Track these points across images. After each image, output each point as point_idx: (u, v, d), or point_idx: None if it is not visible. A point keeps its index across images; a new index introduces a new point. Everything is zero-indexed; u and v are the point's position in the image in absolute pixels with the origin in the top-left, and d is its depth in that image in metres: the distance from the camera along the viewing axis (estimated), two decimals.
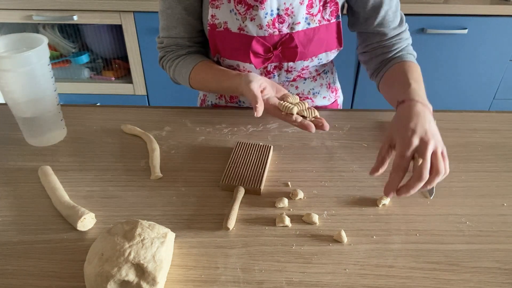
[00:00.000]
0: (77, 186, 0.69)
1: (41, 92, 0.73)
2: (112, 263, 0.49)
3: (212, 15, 0.84)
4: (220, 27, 0.84)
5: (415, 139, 0.60)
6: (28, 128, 0.77)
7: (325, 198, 0.67)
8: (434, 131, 0.62)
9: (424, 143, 0.59)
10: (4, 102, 0.77)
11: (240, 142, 0.77)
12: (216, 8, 0.83)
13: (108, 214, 0.64)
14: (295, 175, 0.72)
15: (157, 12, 0.91)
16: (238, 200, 0.65)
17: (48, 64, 0.73)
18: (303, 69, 0.91)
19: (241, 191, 0.67)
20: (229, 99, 0.99)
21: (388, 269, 0.56)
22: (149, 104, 1.92)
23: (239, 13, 0.81)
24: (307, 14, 0.82)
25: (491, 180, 0.71)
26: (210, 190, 0.69)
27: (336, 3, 0.83)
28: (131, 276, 0.50)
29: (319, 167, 0.74)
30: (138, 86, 1.87)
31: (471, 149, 0.79)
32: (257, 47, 0.84)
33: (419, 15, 1.66)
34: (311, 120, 0.73)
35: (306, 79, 0.96)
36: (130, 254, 0.50)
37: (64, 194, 0.66)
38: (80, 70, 1.88)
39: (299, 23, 0.82)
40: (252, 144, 0.77)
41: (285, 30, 0.83)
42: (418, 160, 0.58)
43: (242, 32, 0.83)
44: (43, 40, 0.71)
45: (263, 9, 0.80)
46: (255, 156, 0.74)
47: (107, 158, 0.76)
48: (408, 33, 0.89)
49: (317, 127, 0.71)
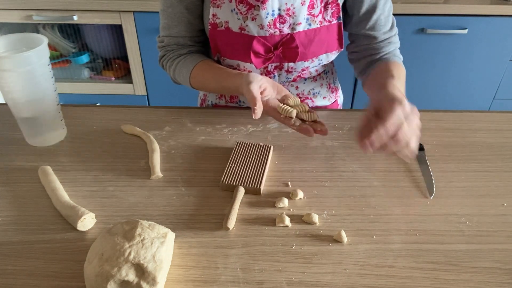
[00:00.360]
0: (77, 186, 0.69)
1: (41, 92, 0.73)
2: (112, 263, 0.49)
3: (213, 14, 0.84)
4: (221, 26, 0.84)
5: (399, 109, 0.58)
6: (28, 128, 0.77)
7: (325, 198, 0.67)
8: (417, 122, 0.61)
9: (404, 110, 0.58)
10: (4, 102, 0.77)
11: (240, 142, 0.77)
12: (217, 7, 0.83)
13: (108, 214, 0.64)
14: (295, 175, 0.72)
15: (157, 12, 0.91)
16: (238, 200, 0.65)
17: (48, 64, 0.73)
18: (303, 69, 0.91)
19: (241, 191, 0.67)
20: (229, 99, 0.99)
21: (388, 269, 0.56)
22: (149, 104, 1.92)
23: (240, 12, 0.81)
24: (308, 14, 0.82)
25: (491, 180, 0.71)
26: (210, 190, 0.69)
27: (338, 4, 0.83)
28: (131, 276, 0.50)
29: (319, 167, 0.74)
30: (138, 86, 1.87)
31: (471, 149, 0.79)
32: (258, 47, 0.84)
33: (419, 15, 1.66)
34: (310, 124, 0.73)
35: (306, 79, 0.96)
36: (130, 254, 0.50)
37: (64, 194, 0.66)
38: (80, 70, 1.88)
39: (300, 23, 0.82)
40: (252, 144, 0.77)
41: (286, 30, 0.83)
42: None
43: (243, 32, 0.83)
44: (43, 40, 0.71)
45: (264, 9, 0.80)
46: (255, 156, 0.74)
47: (107, 158, 0.76)
48: (397, 37, 0.90)
49: (316, 132, 0.72)
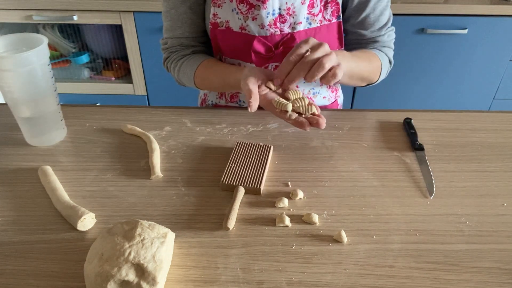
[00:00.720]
0: (77, 186, 0.69)
1: (41, 92, 0.73)
2: (112, 263, 0.49)
3: (214, 14, 0.84)
4: (222, 26, 0.84)
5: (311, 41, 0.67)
6: (28, 128, 0.77)
7: (325, 198, 0.67)
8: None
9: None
10: (4, 102, 0.77)
11: (240, 142, 0.77)
12: (218, 7, 0.83)
13: (108, 214, 0.64)
14: (295, 175, 0.72)
15: (157, 12, 0.91)
16: (238, 200, 0.65)
17: (48, 64, 0.73)
18: None
19: (241, 191, 0.67)
20: (229, 98, 0.99)
21: (388, 269, 0.56)
22: (149, 104, 1.92)
23: (241, 12, 0.81)
24: (308, 14, 0.83)
25: (491, 180, 0.71)
26: (210, 190, 0.69)
27: (337, 3, 0.83)
28: (131, 276, 0.50)
29: (319, 167, 0.74)
30: (138, 86, 1.87)
31: (471, 149, 0.79)
32: (258, 46, 0.84)
33: (419, 15, 1.66)
34: (307, 118, 0.69)
35: None
36: (130, 254, 0.50)
37: (64, 194, 0.66)
38: (80, 70, 1.89)
39: (301, 23, 0.83)
40: (252, 144, 0.77)
41: (286, 29, 0.83)
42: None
43: (243, 31, 0.83)
44: (43, 40, 0.71)
45: (265, 8, 0.80)
46: (255, 156, 0.74)
47: (107, 158, 0.76)
48: (388, 37, 0.92)
49: (312, 125, 0.68)
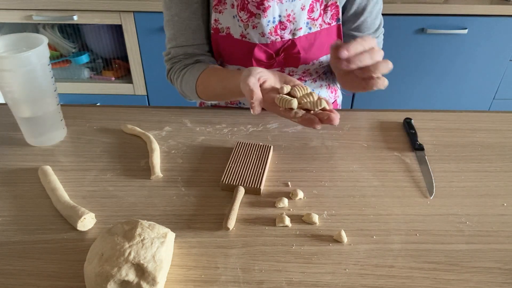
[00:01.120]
0: (77, 186, 0.69)
1: (41, 92, 0.73)
2: (112, 263, 0.49)
3: (215, 20, 0.83)
4: (223, 31, 0.84)
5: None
6: (28, 128, 0.77)
7: (325, 198, 0.67)
8: None
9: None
10: (4, 102, 0.77)
11: (240, 142, 0.77)
12: (219, 12, 0.82)
13: (108, 214, 0.64)
14: (295, 175, 0.72)
15: (157, 12, 0.91)
16: (238, 200, 0.65)
17: (48, 64, 0.73)
18: (304, 72, 0.91)
19: (241, 191, 0.67)
20: (229, 101, 0.99)
21: (388, 269, 0.56)
22: (149, 104, 1.92)
23: (242, 20, 0.81)
24: (308, 19, 0.82)
25: (491, 180, 0.71)
26: (210, 190, 0.69)
27: (337, 6, 0.83)
28: (131, 276, 0.50)
29: (319, 167, 0.74)
30: (138, 86, 1.87)
31: (471, 149, 0.79)
32: (259, 54, 0.83)
33: (419, 15, 1.66)
34: (317, 114, 0.63)
35: (306, 81, 0.96)
36: (130, 254, 0.50)
37: (64, 194, 0.66)
38: (80, 70, 1.89)
39: (301, 28, 0.82)
40: (252, 144, 0.77)
41: (287, 36, 0.83)
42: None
43: (244, 39, 0.83)
44: (43, 40, 0.71)
45: (265, 17, 0.79)
46: (255, 156, 0.74)
47: (107, 158, 0.76)
48: (380, 43, 0.93)
49: (322, 122, 0.62)
